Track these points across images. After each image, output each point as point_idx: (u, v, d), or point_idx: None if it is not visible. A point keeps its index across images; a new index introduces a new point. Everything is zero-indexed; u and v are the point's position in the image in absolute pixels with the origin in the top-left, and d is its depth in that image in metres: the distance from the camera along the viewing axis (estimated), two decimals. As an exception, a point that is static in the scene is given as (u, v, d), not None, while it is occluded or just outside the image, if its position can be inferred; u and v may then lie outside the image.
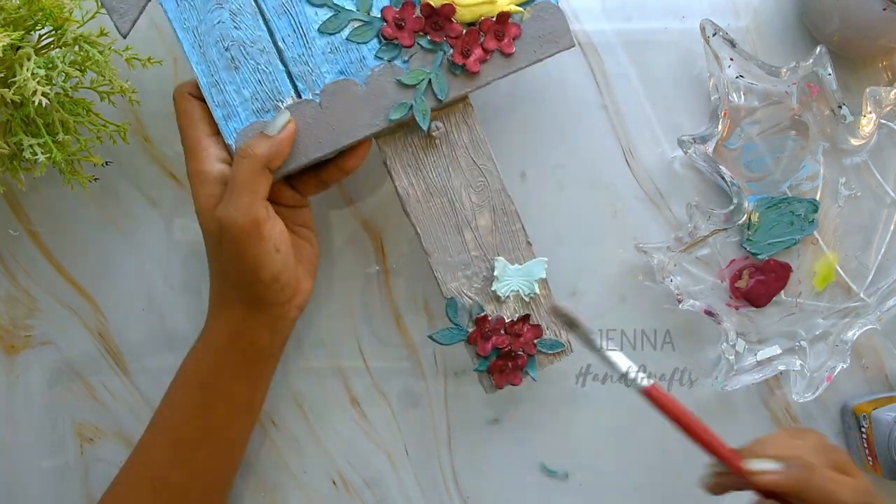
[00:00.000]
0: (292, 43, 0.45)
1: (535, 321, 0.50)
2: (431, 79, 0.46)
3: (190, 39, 0.44)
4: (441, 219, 0.49)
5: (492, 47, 0.47)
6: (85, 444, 0.55)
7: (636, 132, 0.55)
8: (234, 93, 0.45)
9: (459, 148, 0.49)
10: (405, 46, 0.46)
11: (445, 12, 0.46)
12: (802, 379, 0.54)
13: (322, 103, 0.46)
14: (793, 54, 0.55)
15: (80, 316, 0.55)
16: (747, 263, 0.54)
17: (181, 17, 0.44)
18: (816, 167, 0.54)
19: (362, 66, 0.46)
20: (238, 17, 0.44)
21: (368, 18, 0.46)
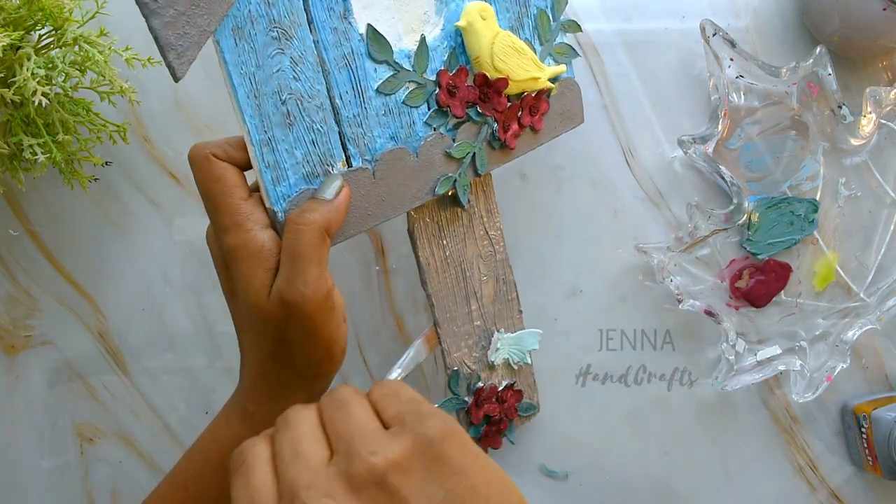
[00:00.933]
0: (349, 101, 0.41)
1: (518, 387, 0.52)
2: (475, 152, 0.46)
3: (246, 88, 0.37)
4: (453, 289, 0.49)
5: (527, 123, 0.47)
6: (85, 444, 0.55)
7: (636, 132, 0.55)
8: (285, 153, 0.39)
9: (476, 217, 0.49)
10: (456, 117, 0.44)
11: (499, 86, 0.45)
12: (802, 379, 0.54)
13: (376, 173, 0.42)
14: (793, 54, 0.55)
15: (80, 316, 0.55)
16: (747, 263, 0.54)
17: (239, 59, 0.37)
18: (816, 167, 0.54)
19: (411, 131, 0.43)
20: (299, 66, 0.39)
21: (423, 81, 0.43)
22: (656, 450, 0.56)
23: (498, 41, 0.44)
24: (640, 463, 0.56)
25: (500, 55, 0.44)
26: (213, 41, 0.36)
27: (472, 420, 0.50)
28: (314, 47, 0.40)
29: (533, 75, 0.45)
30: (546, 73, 0.47)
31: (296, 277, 0.37)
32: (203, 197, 0.38)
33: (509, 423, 0.52)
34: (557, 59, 0.48)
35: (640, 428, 0.56)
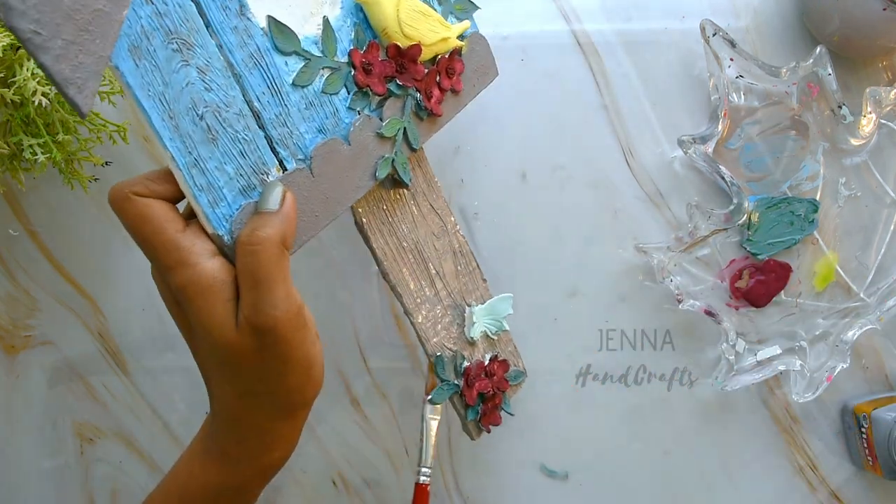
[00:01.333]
0: (268, 102, 0.38)
1: (502, 356, 0.51)
2: (406, 126, 0.43)
3: (158, 110, 0.34)
4: (416, 274, 0.47)
5: (447, 86, 0.45)
6: (85, 444, 0.55)
7: (636, 132, 0.55)
8: (216, 171, 0.36)
9: (419, 194, 0.47)
10: (378, 94, 0.42)
11: (412, 53, 0.42)
12: (802, 379, 0.54)
13: (314, 171, 0.39)
14: (793, 54, 0.55)
15: (80, 316, 0.55)
16: (747, 263, 0.54)
17: (143, 81, 0.33)
18: (816, 167, 0.54)
19: (337, 120, 0.41)
20: (207, 74, 0.36)
21: (336, 65, 0.41)
22: (656, 450, 0.56)
23: (402, 7, 0.41)
24: (640, 463, 0.56)
25: (407, 21, 0.41)
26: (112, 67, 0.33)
27: (468, 402, 0.48)
28: (219, 52, 0.36)
29: (442, 36, 0.43)
30: (453, 30, 0.44)
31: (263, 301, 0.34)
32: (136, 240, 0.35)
33: (503, 396, 0.50)
34: (459, 15, 0.46)
35: (640, 428, 0.56)
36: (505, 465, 0.56)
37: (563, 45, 0.55)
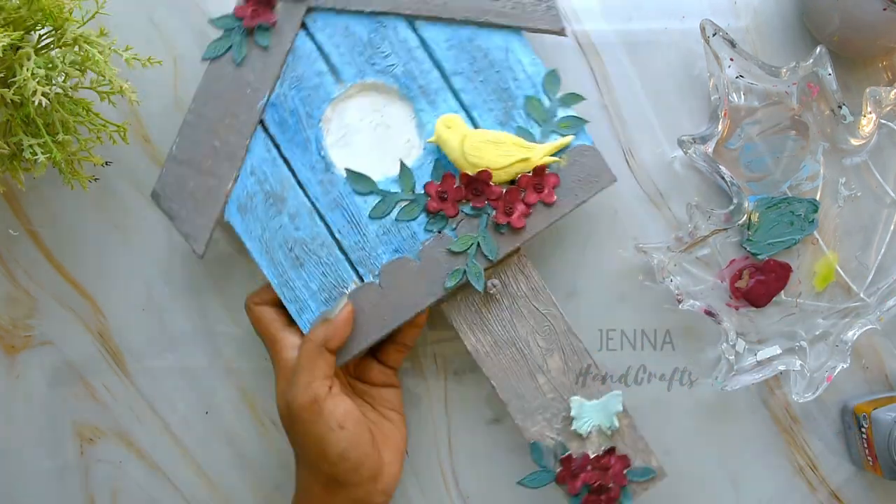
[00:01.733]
0: (347, 233, 0.49)
1: (621, 451, 0.52)
2: (479, 242, 0.49)
3: (257, 247, 0.49)
4: (513, 368, 0.51)
5: (533, 201, 0.49)
6: (85, 444, 0.55)
7: (636, 132, 0.55)
8: (302, 288, 0.49)
9: (520, 298, 0.51)
10: (450, 216, 0.49)
11: (483, 178, 0.49)
12: (802, 379, 0.53)
13: (382, 284, 0.49)
14: (793, 54, 0.55)
15: (80, 316, 0.55)
16: (747, 263, 0.54)
17: (247, 228, 0.49)
18: (816, 167, 0.53)
19: (414, 241, 0.49)
20: (296, 219, 0.49)
21: (413, 196, 0.49)
22: (656, 450, 0.55)
23: (467, 141, 0.48)
24: (640, 463, 0.56)
25: (471, 152, 0.48)
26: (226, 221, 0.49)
27: (570, 491, 0.51)
28: (307, 201, 0.49)
29: (519, 157, 0.49)
30: (538, 151, 0.49)
31: (288, 385, 0.45)
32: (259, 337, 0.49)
33: (622, 490, 0.51)
34: (564, 132, 0.50)
35: (640, 428, 0.56)
36: (505, 465, 0.56)
37: (564, 46, 0.55)
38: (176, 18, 0.54)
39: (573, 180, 0.50)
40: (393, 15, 0.50)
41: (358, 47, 0.50)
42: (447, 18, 0.50)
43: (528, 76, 0.50)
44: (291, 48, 0.50)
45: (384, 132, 0.51)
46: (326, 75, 0.50)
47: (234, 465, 0.56)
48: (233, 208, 0.49)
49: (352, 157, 0.50)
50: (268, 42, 0.49)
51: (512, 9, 0.50)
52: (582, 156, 0.50)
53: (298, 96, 0.50)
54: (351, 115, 0.51)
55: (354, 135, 0.51)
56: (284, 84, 0.50)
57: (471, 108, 0.50)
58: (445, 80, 0.50)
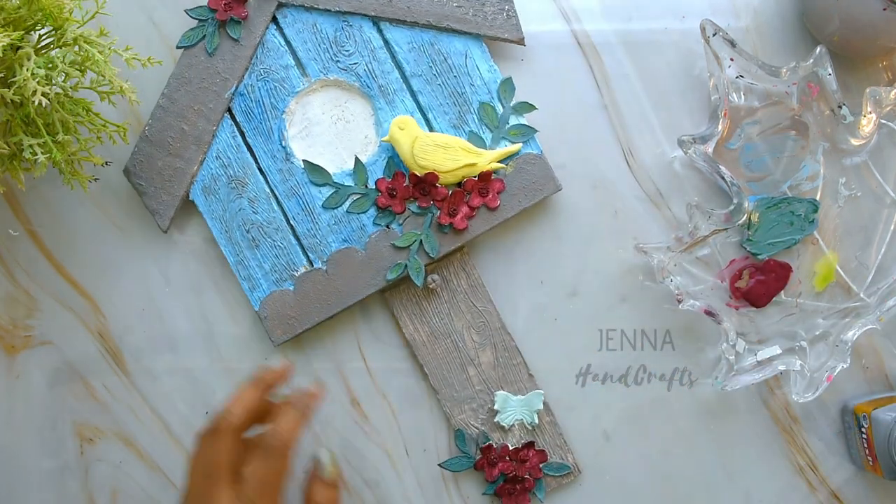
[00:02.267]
0: (302, 220, 0.53)
1: (540, 447, 0.54)
2: (422, 239, 0.52)
3: (218, 226, 0.53)
4: (446, 358, 0.54)
5: (477, 204, 0.52)
6: (85, 444, 0.55)
7: (636, 132, 0.55)
8: (256, 267, 0.53)
9: (459, 293, 0.54)
10: (398, 213, 0.52)
11: (430, 179, 0.52)
12: (802, 379, 0.53)
13: (329, 271, 0.52)
14: (793, 54, 0.55)
15: (80, 316, 0.55)
16: (747, 263, 0.54)
17: (210, 209, 0.53)
18: (816, 167, 0.53)
19: (363, 233, 0.53)
20: (255, 203, 0.53)
21: (365, 191, 0.52)
22: (656, 450, 0.56)
23: (417, 143, 0.51)
24: (640, 463, 0.56)
25: (420, 154, 0.51)
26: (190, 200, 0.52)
27: (487, 478, 0.54)
28: (266, 186, 0.53)
29: (466, 162, 0.51)
30: (485, 157, 0.52)
31: None
32: None
33: (536, 482, 0.54)
34: (513, 139, 0.53)
35: (640, 428, 0.56)
36: (505, 465, 0.56)
37: (563, 45, 0.55)
38: (176, 19, 0.54)
39: (518, 187, 0.52)
40: (359, 15, 0.52)
41: (324, 44, 0.52)
42: (410, 22, 0.52)
43: (485, 82, 0.53)
44: (261, 41, 0.52)
45: (344, 127, 0.53)
46: (293, 69, 0.52)
47: (234, 465, 0.55)
48: (197, 189, 0.52)
49: (311, 149, 0.53)
50: (239, 34, 0.52)
51: (473, 16, 0.52)
52: (529, 164, 0.52)
53: (265, 88, 0.52)
54: (314, 109, 0.53)
55: (315, 127, 0.53)
56: (253, 75, 0.52)
57: (427, 109, 0.53)
58: (405, 80, 0.53)
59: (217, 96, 0.52)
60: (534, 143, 0.53)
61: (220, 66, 0.52)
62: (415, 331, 0.54)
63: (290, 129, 0.53)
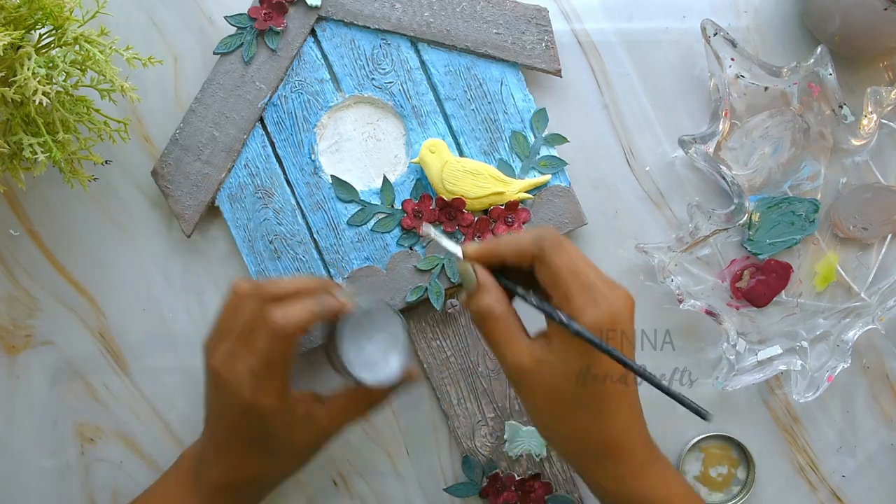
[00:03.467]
0: (325, 235, 0.53)
1: (546, 479, 0.54)
2: (444, 264, 0.52)
3: (241, 235, 0.53)
4: (459, 384, 0.54)
5: (501, 232, 0.52)
6: (85, 444, 0.55)
7: (637, 132, 0.55)
8: None
9: None
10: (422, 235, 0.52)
11: (457, 204, 0.52)
12: (803, 379, 0.53)
13: (348, 287, 0.52)
14: (794, 54, 0.55)
15: (81, 316, 0.55)
16: (748, 263, 0.54)
17: (234, 216, 0.52)
18: (817, 167, 0.53)
19: (385, 252, 0.53)
20: (280, 214, 0.52)
21: (391, 211, 0.52)
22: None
23: (447, 168, 0.51)
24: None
25: (449, 179, 0.51)
26: (216, 206, 0.52)
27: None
28: (292, 199, 0.52)
29: (495, 191, 0.51)
30: (514, 186, 0.52)
31: None
32: None
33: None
34: (543, 171, 0.53)
35: (641, 428, 0.56)
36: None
37: (564, 45, 0.55)
38: (176, 18, 0.54)
39: (544, 218, 0.53)
40: (398, 34, 0.52)
41: (361, 61, 0.52)
42: (449, 45, 0.52)
43: (518, 111, 0.53)
44: (298, 53, 0.52)
45: (374, 145, 0.53)
46: (328, 83, 0.52)
47: (234, 465, 0.55)
48: (224, 196, 0.52)
49: (340, 164, 0.53)
50: (276, 45, 0.52)
51: (512, 44, 0.52)
52: (557, 196, 0.53)
53: (299, 100, 0.52)
54: (345, 125, 0.53)
55: (346, 143, 0.53)
56: (287, 86, 0.52)
57: (459, 133, 0.52)
58: (439, 103, 0.53)
59: (250, 105, 0.52)
60: (563, 176, 0.53)
61: (255, 75, 0.52)
62: (430, 355, 0.54)
63: (320, 142, 0.53)
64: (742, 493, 0.55)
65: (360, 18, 0.52)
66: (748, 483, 0.55)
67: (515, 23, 0.52)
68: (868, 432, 0.56)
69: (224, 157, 0.52)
